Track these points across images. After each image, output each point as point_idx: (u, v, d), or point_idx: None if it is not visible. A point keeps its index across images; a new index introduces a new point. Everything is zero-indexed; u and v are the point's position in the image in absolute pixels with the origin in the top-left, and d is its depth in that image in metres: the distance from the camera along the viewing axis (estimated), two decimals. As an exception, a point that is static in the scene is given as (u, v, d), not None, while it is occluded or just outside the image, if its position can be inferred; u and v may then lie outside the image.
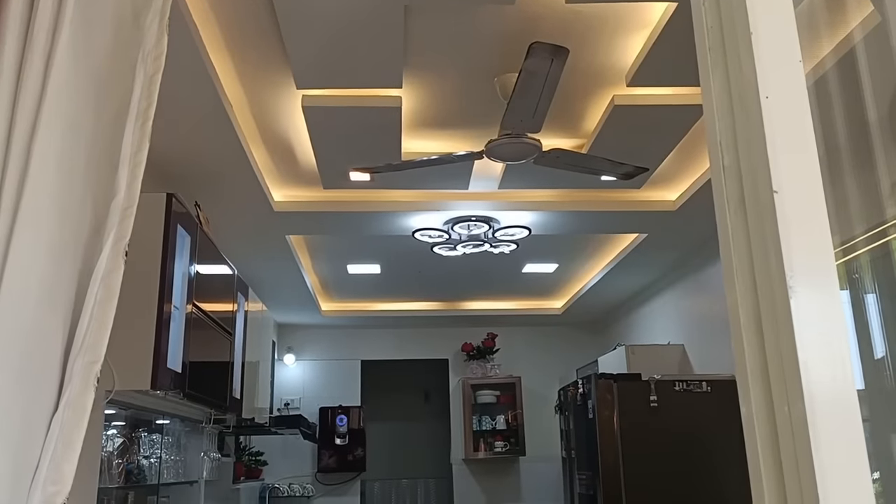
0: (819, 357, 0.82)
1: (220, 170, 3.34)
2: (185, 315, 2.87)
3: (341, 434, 6.42)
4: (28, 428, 1.12)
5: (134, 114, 1.27)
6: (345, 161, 3.39)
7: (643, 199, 4.01)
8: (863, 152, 1.88)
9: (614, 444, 3.82)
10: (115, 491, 2.87)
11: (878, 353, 1.97)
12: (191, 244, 2.98)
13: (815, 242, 0.80)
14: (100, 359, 1.19)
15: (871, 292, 2.04)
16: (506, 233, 4.22)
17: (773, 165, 0.82)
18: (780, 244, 0.79)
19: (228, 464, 5.08)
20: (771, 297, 0.82)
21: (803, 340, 0.80)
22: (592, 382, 4.01)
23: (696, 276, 4.86)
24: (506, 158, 2.96)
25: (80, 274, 1.21)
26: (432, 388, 7.69)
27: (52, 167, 1.14)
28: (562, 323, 6.92)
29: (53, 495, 1.10)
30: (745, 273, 0.86)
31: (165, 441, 3.41)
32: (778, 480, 0.87)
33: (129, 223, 1.24)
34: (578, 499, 4.25)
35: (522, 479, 6.70)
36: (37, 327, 1.15)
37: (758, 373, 0.89)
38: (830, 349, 0.82)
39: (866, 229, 1.92)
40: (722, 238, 0.93)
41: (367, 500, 7.28)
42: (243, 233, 4.19)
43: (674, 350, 5.02)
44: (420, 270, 5.33)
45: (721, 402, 3.83)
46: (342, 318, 6.52)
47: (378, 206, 3.97)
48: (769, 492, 0.87)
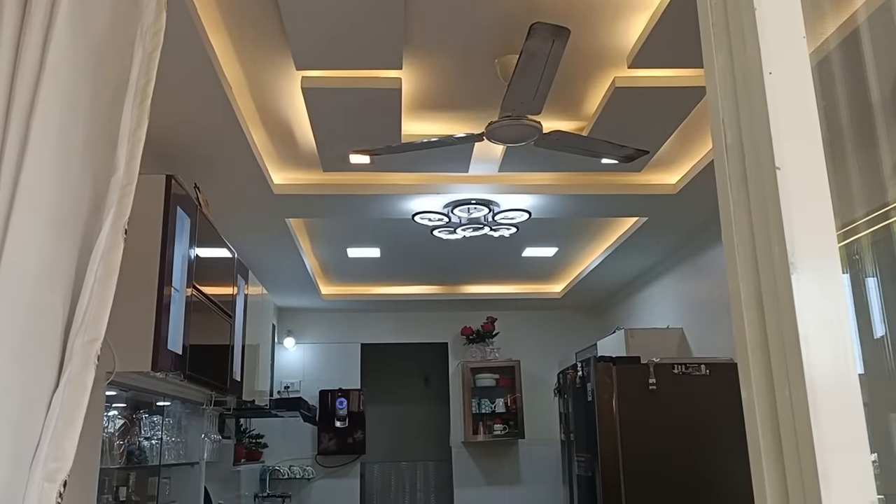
0: (820, 334, 0.82)
1: (219, 152, 3.33)
2: (185, 297, 2.87)
3: (341, 417, 6.45)
4: (29, 405, 1.12)
5: (133, 91, 1.27)
6: (344, 143, 3.38)
7: (643, 182, 4.01)
8: (865, 135, 1.88)
9: (613, 427, 3.84)
10: (116, 471, 2.89)
11: (878, 335, 1.97)
12: (190, 226, 2.98)
13: (817, 219, 0.79)
14: (100, 337, 1.19)
15: (871, 276, 2.04)
16: (506, 216, 4.22)
17: (775, 142, 0.81)
18: (782, 221, 0.79)
19: (229, 446, 5.11)
20: (772, 275, 0.82)
21: (804, 317, 0.79)
22: (591, 365, 4.02)
23: (696, 259, 4.86)
24: (506, 140, 2.95)
25: (80, 251, 1.21)
26: (432, 372, 7.72)
27: (52, 143, 1.14)
28: (561, 307, 6.93)
29: (55, 472, 1.11)
30: (746, 251, 0.86)
31: (166, 423, 3.43)
32: (778, 463, 0.87)
33: (129, 201, 1.23)
34: (577, 480, 4.28)
35: (521, 461, 6.74)
36: (37, 304, 1.15)
37: (758, 352, 0.89)
38: (831, 327, 0.82)
39: (867, 212, 1.91)
40: (724, 217, 0.92)
41: (366, 483, 7.33)
42: (243, 216, 4.19)
43: (673, 334, 5.03)
44: (419, 255, 5.33)
45: (720, 385, 3.84)
46: (342, 301, 6.53)
47: (378, 189, 3.97)
48: (769, 474, 0.87)
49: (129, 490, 3.01)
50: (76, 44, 1.18)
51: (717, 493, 3.74)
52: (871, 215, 1.91)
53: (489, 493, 6.68)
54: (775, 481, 0.87)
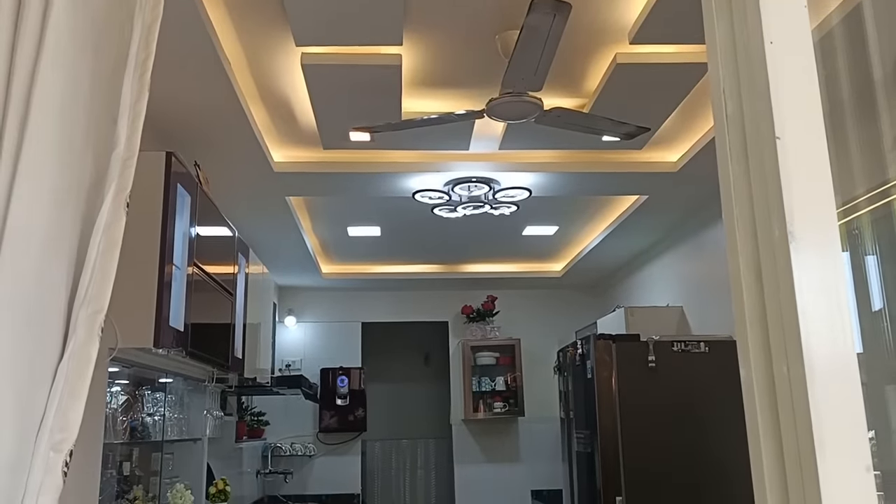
0: (818, 304, 0.82)
1: (218, 130, 3.32)
2: (187, 275, 2.88)
3: (342, 395, 6.49)
4: (33, 377, 1.14)
5: (132, 64, 1.26)
6: (345, 120, 3.37)
7: (644, 160, 4.00)
8: (865, 112, 1.87)
9: (612, 404, 3.87)
10: (120, 446, 2.92)
11: (877, 316, 1.98)
12: (191, 204, 2.98)
13: (816, 189, 0.80)
14: (103, 309, 1.20)
15: (871, 253, 2.04)
16: (506, 194, 4.22)
17: (775, 111, 0.81)
18: (782, 191, 0.79)
19: (231, 423, 5.15)
20: (771, 246, 0.82)
21: (802, 287, 0.80)
22: (591, 343, 4.04)
23: (696, 238, 4.87)
24: (507, 118, 2.94)
25: (83, 225, 1.21)
26: (432, 350, 7.76)
27: (53, 117, 1.14)
28: (561, 286, 6.94)
29: (61, 442, 1.12)
30: (745, 221, 0.86)
31: (168, 399, 3.46)
32: (775, 439, 0.88)
33: (130, 174, 1.24)
34: (576, 457, 4.32)
35: (521, 439, 6.80)
36: (40, 277, 1.15)
37: (756, 324, 0.90)
38: (829, 297, 0.82)
39: (867, 189, 1.91)
40: (723, 188, 0.93)
41: (367, 460, 7.40)
42: (243, 194, 4.19)
43: (672, 312, 5.04)
44: (420, 233, 5.33)
45: (718, 362, 3.87)
46: (343, 280, 6.54)
47: (378, 167, 3.96)
48: (767, 451, 0.88)
49: (132, 465, 3.04)
50: (76, 16, 1.18)
51: (716, 469, 3.78)
52: (871, 193, 1.91)
53: (489, 470, 6.74)
54: (772, 458, 0.88)
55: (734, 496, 3.69)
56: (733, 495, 3.69)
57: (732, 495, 3.70)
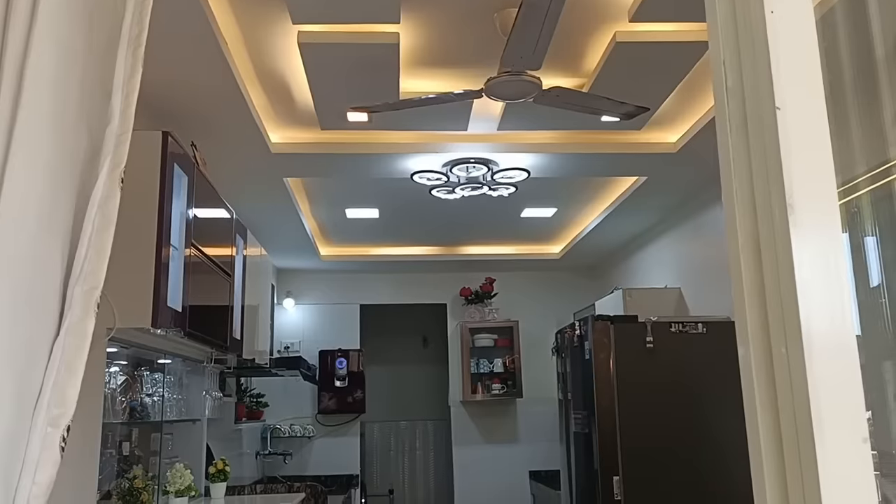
0: (815, 277, 0.82)
1: (215, 110, 3.30)
2: (184, 255, 2.88)
3: (341, 377, 6.51)
4: (30, 352, 1.13)
5: (126, 39, 1.25)
6: (342, 100, 3.35)
7: (643, 141, 3.98)
8: (867, 91, 1.86)
9: (610, 384, 3.88)
10: (119, 426, 2.93)
11: (875, 297, 1.97)
12: (188, 185, 2.97)
13: (815, 158, 0.79)
14: (99, 286, 1.19)
15: (871, 234, 2.03)
16: (505, 175, 4.20)
17: (776, 82, 0.81)
18: (781, 161, 0.78)
19: (230, 404, 5.17)
20: (769, 216, 0.82)
21: (801, 259, 0.80)
22: (589, 324, 4.05)
23: (695, 220, 4.86)
24: (505, 97, 2.93)
25: (77, 201, 1.21)
26: (431, 332, 7.78)
27: (46, 90, 1.13)
28: (560, 268, 6.95)
29: (58, 417, 1.12)
30: (744, 194, 0.86)
31: (167, 380, 3.46)
32: (772, 415, 0.88)
33: (124, 150, 1.23)
34: (574, 437, 4.34)
35: (519, 420, 6.83)
36: (35, 253, 1.15)
37: (755, 296, 0.90)
38: (828, 268, 0.82)
39: (867, 170, 1.90)
40: (722, 160, 0.92)
41: (366, 441, 7.44)
42: (241, 175, 4.17)
43: (670, 293, 5.05)
44: (418, 215, 5.32)
45: (716, 343, 3.88)
46: (341, 262, 6.54)
47: (376, 148, 3.94)
48: (764, 428, 0.88)
49: (132, 445, 3.05)
50: (68, -13, 1.16)
51: (713, 449, 3.80)
52: (871, 173, 1.90)
53: (487, 450, 6.78)
54: (769, 434, 0.88)
55: (731, 475, 3.72)
56: (730, 474, 3.72)
57: (730, 474, 3.73)
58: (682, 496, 3.76)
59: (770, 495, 0.87)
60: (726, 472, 3.73)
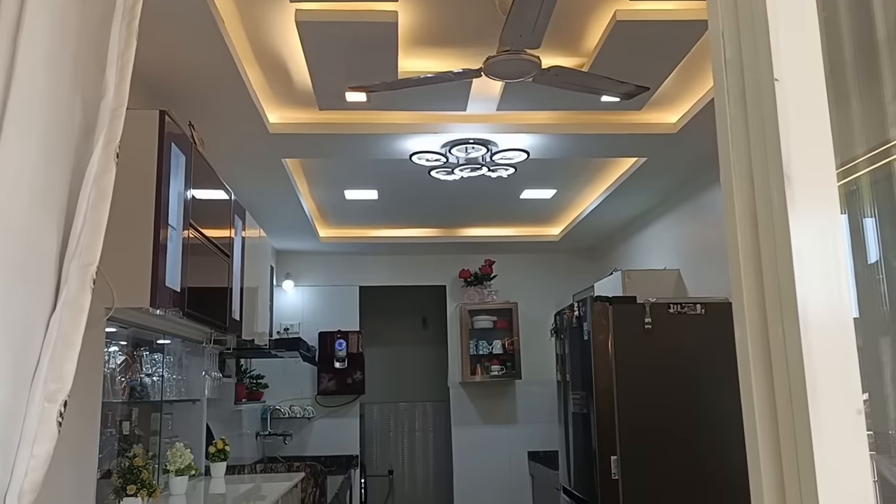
0: (813, 250, 0.82)
1: (212, 89, 3.28)
2: (182, 235, 2.87)
3: (340, 358, 6.53)
4: (27, 328, 1.13)
5: (120, 12, 1.24)
6: (340, 80, 3.32)
7: (643, 121, 3.96)
8: (868, 69, 1.84)
9: (608, 365, 3.90)
10: (119, 406, 2.94)
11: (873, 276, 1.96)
12: (186, 164, 2.96)
13: (813, 131, 0.79)
14: (95, 261, 1.19)
15: (869, 216, 2.02)
16: (504, 156, 4.19)
17: (774, 53, 0.80)
18: (779, 133, 0.78)
19: (230, 385, 5.19)
20: (766, 188, 0.81)
21: (798, 231, 0.79)
22: (588, 305, 4.05)
23: (694, 201, 4.86)
24: (504, 76, 2.91)
25: (73, 175, 1.20)
26: (430, 314, 7.79)
27: (40, 63, 1.12)
28: (559, 250, 6.95)
29: (55, 392, 1.12)
30: (742, 166, 0.85)
31: (167, 360, 3.47)
32: (769, 400, 0.88)
33: (119, 124, 1.22)
34: (572, 418, 4.36)
35: (518, 401, 6.86)
36: (30, 228, 1.14)
37: (751, 272, 0.89)
38: (825, 241, 0.82)
39: (867, 150, 1.89)
40: (720, 133, 0.91)
41: (366, 422, 7.48)
42: (239, 156, 4.15)
43: (669, 275, 5.05)
44: (417, 196, 5.31)
45: (714, 324, 3.89)
46: (340, 244, 6.54)
47: (375, 129, 3.92)
48: (760, 411, 0.88)
49: (132, 424, 3.07)
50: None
51: (710, 428, 3.82)
52: (871, 153, 1.88)
53: (486, 431, 6.82)
54: (766, 417, 0.88)
55: (728, 454, 3.74)
56: (727, 454, 3.75)
57: (727, 454, 3.75)
58: (680, 475, 3.79)
59: (765, 471, 0.87)
60: (723, 452, 3.75)
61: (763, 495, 0.88)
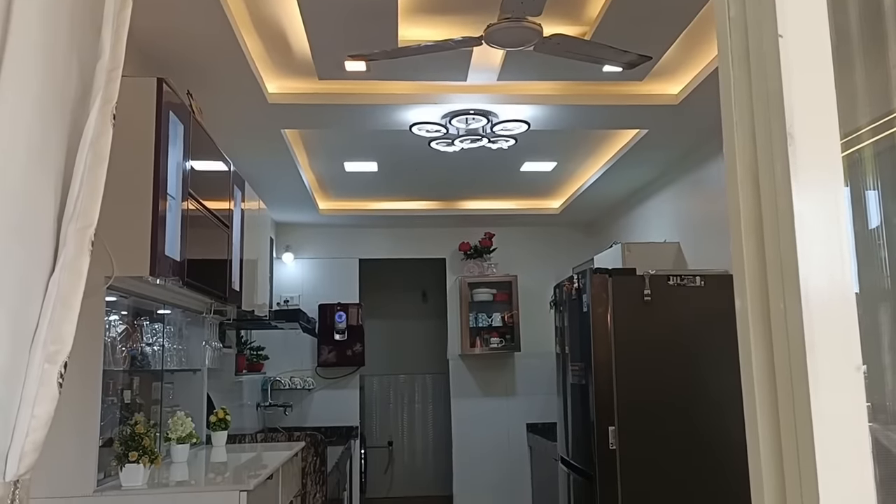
0: (815, 210, 0.81)
1: (210, 58, 3.25)
2: (181, 204, 2.86)
3: (340, 330, 6.55)
4: (25, 289, 1.13)
5: (115, -29, 1.22)
6: (340, 48, 3.29)
7: (645, 92, 3.93)
8: (874, 40, 1.81)
9: (607, 336, 3.91)
10: (121, 374, 2.95)
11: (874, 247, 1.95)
12: (184, 133, 2.94)
13: (817, 88, 0.78)
14: (93, 224, 1.19)
15: (872, 189, 2.00)
16: (504, 127, 4.16)
17: (779, 8, 0.79)
18: (782, 90, 0.77)
19: (230, 355, 5.21)
20: (769, 147, 0.80)
21: (799, 190, 0.79)
22: (588, 277, 4.05)
23: (695, 174, 4.84)
24: (505, 44, 2.88)
25: (69, 138, 1.19)
26: (430, 287, 7.81)
27: (36, 20, 1.10)
28: (559, 223, 6.94)
29: (55, 353, 1.13)
30: (744, 125, 0.84)
31: (167, 330, 3.48)
32: (769, 371, 0.87)
33: (116, 86, 1.21)
34: (571, 389, 4.39)
35: (517, 373, 6.90)
36: (27, 190, 1.14)
37: (752, 233, 0.89)
38: (826, 201, 0.81)
39: (870, 120, 1.87)
40: (723, 93, 0.90)
41: (366, 394, 7.53)
42: (238, 127, 4.13)
43: (669, 248, 5.05)
44: (417, 169, 5.29)
45: (714, 297, 3.89)
46: (340, 216, 6.53)
47: (375, 99, 3.90)
48: (759, 384, 0.87)
49: (133, 393, 3.08)
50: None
51: (708, 398, 3.84)
52: (875, 124, 1.86)
53: (485, 403, 6.87)
54: (765, 390, 0.88)
55: (725, 425, 3.77)
56: (725, 424, 3.77)
57: (724, 424, 3.78)
58: (677, 445, 3.82)
59: (763, 438, 0.88)
60: (721, 422, 3.78)
61: (760, 460, 0.88)
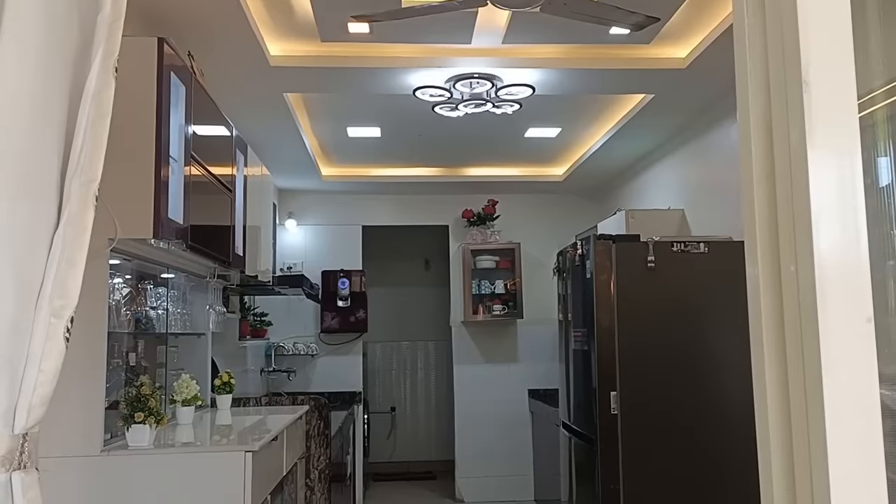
0: (830, 162, 0.80)
1: (211, 19, 3.20)
2: (184, 167, 2.85)
3: (343, 296, 6.57)
4: (30, 245, 1.13)
5: (114, -80, 1.19)
6: (343, 9, 3.24)
7: (652, 56, 3.88)
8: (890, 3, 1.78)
9: (610, 302, 3.91)
10: (125, 337, 2.97)
11: (882, 193, 1.93)
12: (186, 95, 2.91)
13: (834, 33, 0.76)
14: (96, 178, 1.18)
15: (883, 155, 1.97)
16: (509, 91, 4.12)
17: (797, -48, 0.76)
18: (798, 36, 0.75)
19: (234, 321, 5.23)
20: (783, 96, 0.79)
21: (815, 140, 0.77)
22: (591, 243, 4.05)
23: (700, 140, 4.80)
24: (511, 4, 2.83)
25: (71, 92, 1.18)
26: (433, 254, 7.81)
27: (32, -30, 1.08)
28: (563, 190, 6.91)
29: (61, 308, 1.13)
30: (758, 73, 0.83)
31: (171, 294, 3.49)
32: (778, 336, 0.86)
33: (117, 39, 1.19)
34: (573, 355, 4.41)
35: (519, 340, 6.93)
36: (30, 145, 1.13)
37: (763, 186, 0.88)
38: (841, 153, 0.80)
39: (885, 82, 1.84)
40: (737, 43, 0.88)
41: (368, 360, 7.57)
42: (239, 90, 4.09)
43: (673, 215, 5.03)
44: (420, 134, 5.25)
45: (718, 263, 3.89)
46: (343, 183, 6.50)
47: (378, 62, 3.85)
48: (769, 350, 0.86)
49: (138, 356, 3.10)
50: None
51: (711, 364, 3.86)
52: (890, 85, 1.83)
53: (487, 369, 6.91)
54: (774, 358, 0.87)
55: (728, 390, 3.80)
56: (727, 388, 3.80)
57: (726, 388, 3.81)
58: (680, 410, 3.85)
59: (770, 389, 0.87)
60: (723, 387, 3.80)
61: (767, 416, 0.88)
